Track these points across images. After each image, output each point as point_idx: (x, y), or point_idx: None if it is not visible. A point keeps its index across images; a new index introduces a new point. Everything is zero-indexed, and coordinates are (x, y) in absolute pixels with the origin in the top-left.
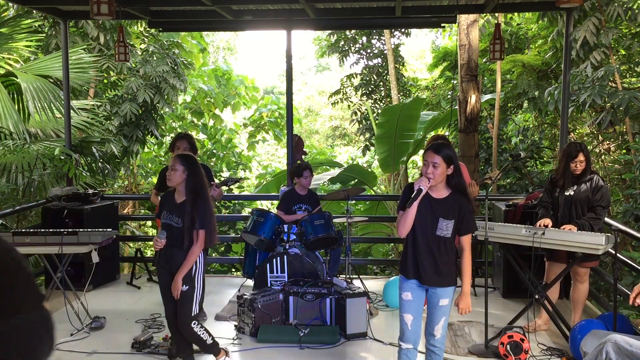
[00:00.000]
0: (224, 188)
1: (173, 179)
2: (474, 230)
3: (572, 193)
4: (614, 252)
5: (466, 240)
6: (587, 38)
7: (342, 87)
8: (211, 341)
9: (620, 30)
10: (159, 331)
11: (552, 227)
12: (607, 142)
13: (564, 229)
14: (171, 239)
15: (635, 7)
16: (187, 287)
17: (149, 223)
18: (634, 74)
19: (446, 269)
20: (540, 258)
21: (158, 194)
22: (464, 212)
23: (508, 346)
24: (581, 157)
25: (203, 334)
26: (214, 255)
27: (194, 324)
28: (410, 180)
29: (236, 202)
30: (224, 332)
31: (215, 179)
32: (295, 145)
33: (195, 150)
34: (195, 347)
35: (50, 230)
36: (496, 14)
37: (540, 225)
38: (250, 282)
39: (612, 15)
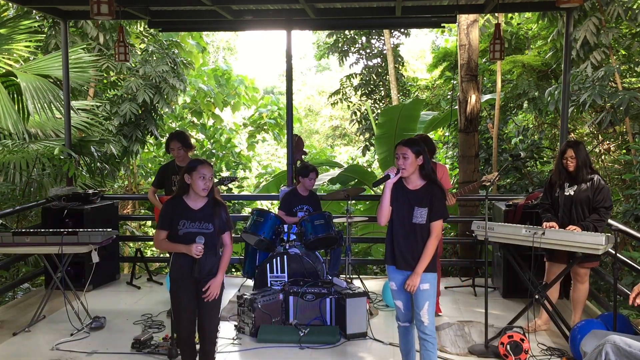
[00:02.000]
0: (223, 188)
1: (210, 186)
2: (444, 217)
3: (572, 193)
4: (614, 252)
5: (435, 226)
6: (587, 38)
7: (341, 87)
8: (215, 356)
9: (620, 30)
10: (159, 331)
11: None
12: (607, 142)
13: (569, 229)
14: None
15: (635, 7)
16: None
17: (149, 223)
18: (634, 73)
19: (419, 256)
20: (541, 258)
21: (156, 192)
22: (434, 199)
23: (508, 346)
24: (570, 152)
25: (216, 349)
26: None
27: (219, 327)
28: None
29: (236, 202)
30: (224, 332)
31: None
32: (295, 145)
33: (190, 146)
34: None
35: (50, 230)
36: (496, 14)
37: (546, 227)
38: (250, 282)
39: (613, 15)
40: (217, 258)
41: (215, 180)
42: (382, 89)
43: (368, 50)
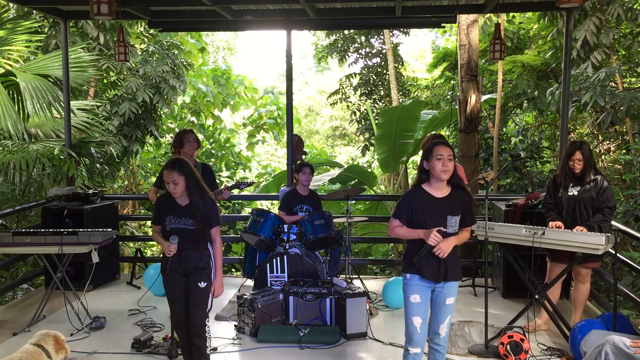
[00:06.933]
0: (236, 191)
1: (178, 190)
2: (475, 222)
3: (575, 193)
4: (614, 252)
5: (467, 228)
6: (588, 38)
7: (341, 87)
8: (208, 352)
9: (621, 31)
10: (159, 331)
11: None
12: (607, 142)
13: (577, 230)
14: (185, 242)
15: (636, 6)
16: (205, 284)
17: (149, 223)
18: (634, 74)
19: (452, 264)
20: (541, 258)
21: (157, 192)
22: (467, 207)
23: (508, 346)
24: (578, 155)
25: (208, 338)
26: None
27: (207, 322)
28: (409, 180)
29: (236, 202)
30: (224, 332)
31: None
32: (295, 145)
33: (200, 142)
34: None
35: (50, 230)
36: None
37: (552, 227)
38: (250, 282)
39: (613, 15)
40: (203, 253)
41: (232, 183)
42: (381, 88)
43: (368, 50)
